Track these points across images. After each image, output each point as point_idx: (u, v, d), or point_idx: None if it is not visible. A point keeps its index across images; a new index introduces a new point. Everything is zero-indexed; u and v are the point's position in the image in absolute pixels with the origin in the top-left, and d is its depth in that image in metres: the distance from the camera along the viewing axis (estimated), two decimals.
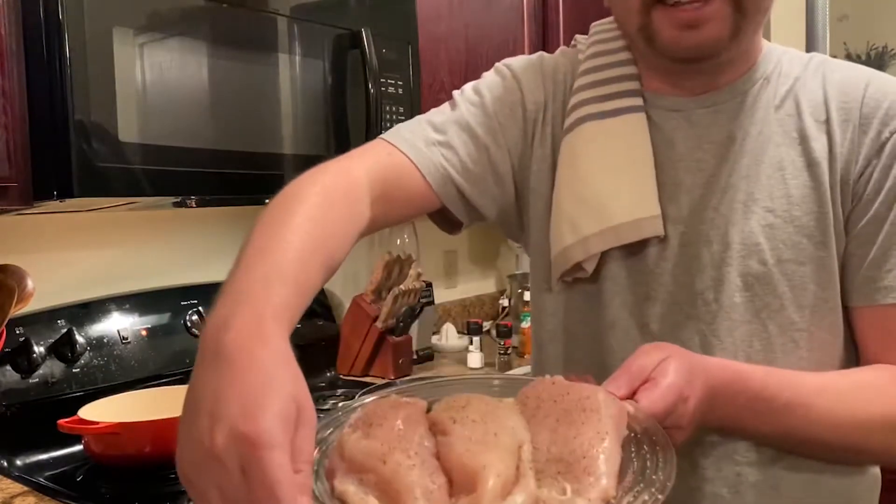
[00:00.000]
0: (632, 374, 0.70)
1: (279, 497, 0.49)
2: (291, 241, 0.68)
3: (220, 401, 0.52)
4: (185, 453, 0.53)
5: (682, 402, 0.70)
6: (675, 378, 0.69)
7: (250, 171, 1.38)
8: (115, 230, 1.63)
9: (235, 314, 0.58)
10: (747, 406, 0.78)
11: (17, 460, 1.34)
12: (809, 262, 0.83)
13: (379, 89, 1.56)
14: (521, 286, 2.33)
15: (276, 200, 0.74)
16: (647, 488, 0.59)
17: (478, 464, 0.58)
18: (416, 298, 1.92)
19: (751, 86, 0.87)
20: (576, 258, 0.87)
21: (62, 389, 1.42)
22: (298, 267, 0.66)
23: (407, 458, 0.59)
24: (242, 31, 1.37)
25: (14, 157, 1.13)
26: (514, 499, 0.57)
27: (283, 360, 0.56)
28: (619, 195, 0.86)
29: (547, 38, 2.23)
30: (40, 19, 1.13)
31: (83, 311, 1.50)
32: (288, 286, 0.63)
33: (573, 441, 0.61)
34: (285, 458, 0.50)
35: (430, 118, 0.93)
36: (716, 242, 0.85)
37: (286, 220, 0.70)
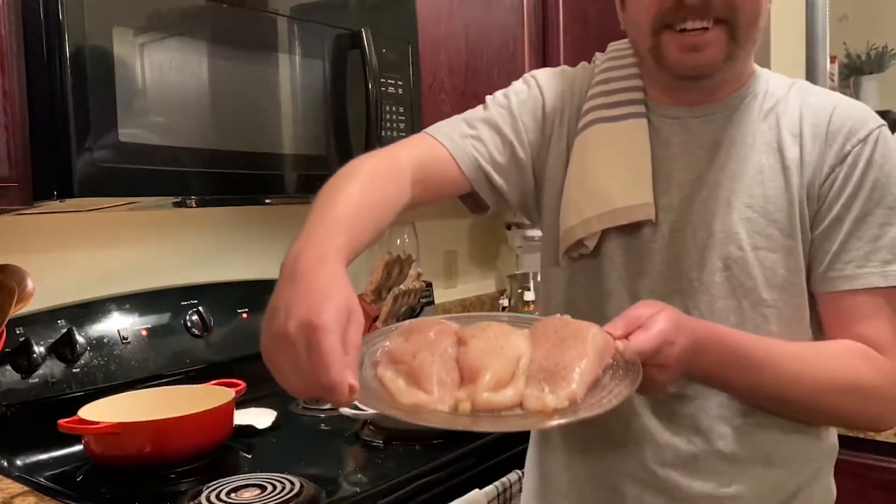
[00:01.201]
0: (628, 320, 0.85)
1: (330, 368, 0.67)
2: (346, 203, 0.86)
3: (293, 302, 0.70)
4: (267, 340, 0.72)
5: (669, 345, 0.83)
6: (664, 325, 0.83)
7: (250, 171, 1.38)
8: (115, 230, 1.63)
9: (304, 250, 0.77)
10: (724, 360, 0.91)
11: (17, 460, 1.35)
12: (780, 251, 0.97)
13: (379, 89, 1.56)
14: (521, 286, 2.34)
15: (333, 178, 0.92)
16: (607, 395, 0.76)
17: (481, 364, 0.78)
18: (416, 298, 1.92)
19: (740, 101, 1.02)
20: (578, 235, 1.02)
21: (62, 389, 1.42)
22: (352, 221, 0.84)
23: (431, 357, 0.79)
24: (242, 31, 1.37)
25: (14, 157, 1.14)
26: (505, 392, 0.77)
27: (340, 278, 0.74)
28: (617, 184, 1.01)
29: (547, 38, 2.23)
30: (40, 19, 1.13)
31: (83, 311, 1.50)
32: (344, 234, 0.81)
33: (559, 358, 0.79)
34: (338, 342, 0.68)
35: (464, 117, 1.09)
36: (701, 230, 0.99)
37: (342, 189, 0.89)
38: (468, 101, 1.96)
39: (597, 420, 0.75)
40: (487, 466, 1.37)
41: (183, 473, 1.28)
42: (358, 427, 1.48)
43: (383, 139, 1.58)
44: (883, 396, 0.96)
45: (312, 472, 1.27)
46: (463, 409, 0.75)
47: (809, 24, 2.72)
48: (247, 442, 1.45)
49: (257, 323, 1.91)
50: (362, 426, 1.47)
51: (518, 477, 1.36)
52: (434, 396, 0.76)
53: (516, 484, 1.36)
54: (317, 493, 1.19)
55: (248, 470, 1.30)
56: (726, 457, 0.99)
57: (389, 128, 1.61)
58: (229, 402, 1.37)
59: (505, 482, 1.35)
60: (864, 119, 0.98)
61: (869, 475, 1.62)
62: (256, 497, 1.17)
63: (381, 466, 1.33)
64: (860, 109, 1.00)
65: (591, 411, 0.74)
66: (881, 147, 0.97)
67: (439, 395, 0.77)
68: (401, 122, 1.64)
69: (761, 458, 0.99)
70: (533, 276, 2.41)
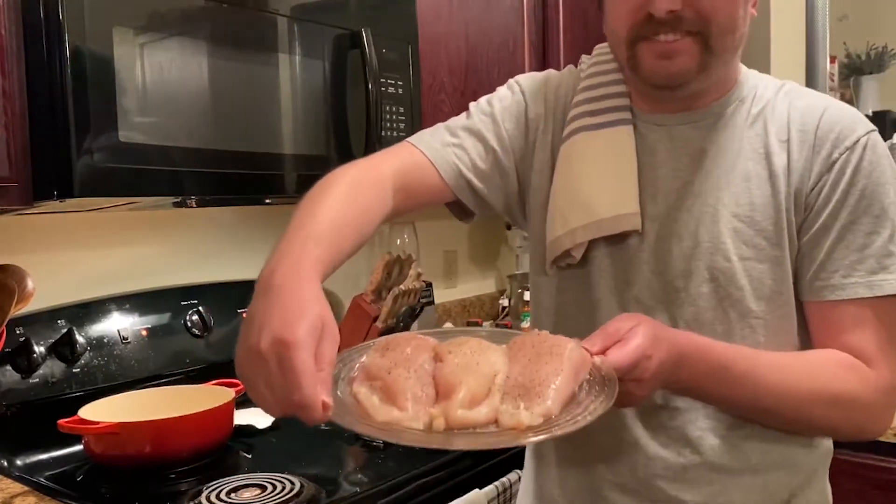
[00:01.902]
0: (606, 335, 0.84)
1: (302, 385, 0.67)
2: (325, 214, 0.85)
3: (266, 318, 0.71)
4: (241, 356, 0.73)
5: (646, 359, 0.82)
6: (641, 340, 0.82)
7: (250, 171, 1.38)
8: (115, 230, 1.63)
9: (280, 263, 0.77)
10: (706, 372, 0.90)
11: (17, 460, 1.35)
12: (767, 261, 0.96)
13: (379, 89, 1.56)
14: (521, 286, 2.34)
15: (313, 188, 0.91)
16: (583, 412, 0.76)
17: (456, 380, 0.77)
18: (416, 298, 1.92)
19: (726, 107, 1.01)
20: (564, 246, 1.02)
21: (62, 389, 1.42)
22: (331, 233, 0.84)
23: (406, 372, 0.79)
24: (242, 31, 1.37)
25: (14, 157, 1.14)
26: (479, 409, 0.76)
27: (314, 293, 0.74)
28: (602, 194, 1.00)
29: (547, 38, 2.23)
30: (40, 19, 1.13)
31: (83, 311, 1.50)
32: (323, 245, 0.81)
33: (535, 374, 0.78)
34: (310, 357, 0.68)
35: (447, 125, 1.09)
36: (687, 239, 0.98)
37: (321, 200, 0.88)
38: (468, 100, 1.93)
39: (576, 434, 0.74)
40: (487, 466, 1.37)
41: (183, 473, 1.28)
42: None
43: (383, 139, 1.58)
44: (866, 407, 0.95)
45: (312, 472, 1.27)
46: (437, 426, 0.75)
47: (809, 24, 2.73)
48: (247, 442, 1.45)
49: None
50: None
51: (518, 477, 1.36)
52: (408, 413, 0.76)
53: (516, 484, 1.36)
54: (317, 493, 1.19)
55: (248, 470, 1.30)
56: (716, 467, 0.98)
57: (389, 128, 1.61)
58: (229, 402, 1.37)
59: (505, 482, 1.35)
60: (852, 125, 0.96)
61: (869, 475, 1.62)
62: (256, 497, 1.17)
63: (381, 466, 1.33)
64: (849, 115, 0.98)
65: (565, 428, 0.74)
66: (869, 154, 0.95)
67: (413, 412, 0.76)
68: (401, 122, 1.64)
69: (751, 467, 0.99)
70: None
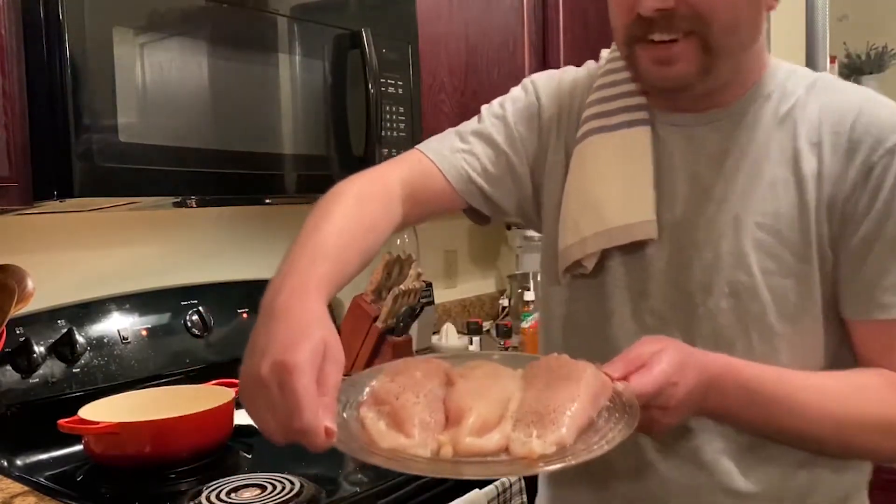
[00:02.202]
0: (629, 360, 0.79)
1: (304, 410, 0.65)
2: (330, 231, 0.84)
3: (267, 342, 0.69)
4: (243, 381, 0.72)
5: (671, 386, 0.78)
6: (666, 366, 0.78)
7: (250, 171, 1.38)
8: (115, 230, 1.63)
9: (285, 283, 0.76)
10: (741, 399, 0.84)
11: (17, 460, 1.35)
12: (791, 276, 0.89)
13: (379, 89, 1.56)
14: (521, 286, 2.34)
15: (320, 201, 0.90)
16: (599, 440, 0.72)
17: (466, 406, 0.74)
18: (416, 298, 1.92)
19: (749, 105, 0.93)
20: (574, 256, 0.97)
21: (62, 389, 1.42)
22: (337, 250, 0.83)
23: (415, 398, 0.75)
24: (242, 31, 1.37)
25: (14, 157, 1.14)
26: (490, 436, 0.72)
27: (317, 315, 0.72)
28: (614, 201, 0.94)
29: (547, 38, 2.23)
30: (40, 19, 1.13)
31: (83, 311, 1.50)
32: (328, 263, 0.80)
33: (550, 400, 0.74)
34: (311, 382, 0.66)
35: (457, 130, 1.06)
36: (707, 251, 0.91)
37: (326, 217, 0.86)
38: (468, 100, 1.96)
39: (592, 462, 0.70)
40: None
41: (183, 473, 1.28)
42: None
43: (383, 139, 1.58)
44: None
45: (312, 472, 1.27)
46: (445, 454, 0.71)
47: (809, 24, 2.73)
48: (247, 442, 1.45)
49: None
50: None
51: (518, 477, 1.36)
52: (415, 440, 0.72)
53: (516, 484, 1.36)
54: (317, 493, 1.19)
55: (248, 470, 1.30)
56: (732, 492, 0.92)
57: (389, 128, 1.61)
58: (229, 402, 1.37)
59: (505, 482, 1.35)
60: (893, 124, 0.87)
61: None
62: (256, 497, 1.17)
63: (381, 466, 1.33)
64: (890, 113, 0.89)
65: (580, 457, 0.70)
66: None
67: (420, 439, 0.72)
68: (401, 122, 1.64)
69: (770, 493, 0.92)
70: (533, 276, 2.40)
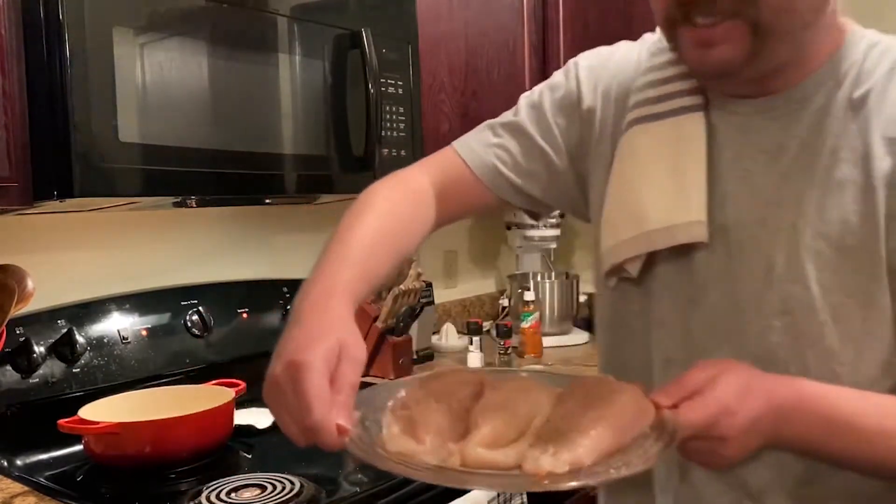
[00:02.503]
0: (681, 386, 0.72)
1: (312, 407, 0.65)
2: (361, 234, 0.85)
3: (286, 345, 0.70)
4: (264, 385, 0.71)
5: (728, 415, 0.69)
6: (721, 393, 0.70)
7: (250, 171, 1.38)
8: (115, 230, 1.63)
9: (311, 288, 0.77)
10: (822, 430, 0.74)
11: (17, 460, 1.34)
12: (857, 294, 0.78)
13: (379, 89, 1.56)
14: (520, 286, 2.33)
15: (351, 206, 0.90)
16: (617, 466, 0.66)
17: (484, 418, 0.71)
18: (416, 298, 1.92)
19: (814, 90, 0.81)
20: (612, 260, 0.89)
21: (62, 389, 1.42)
22: (365, 254, 0.83)
23: (436, 404, 0.74)
24: (242, 31, 1.37)
25: (14, 157, 1.13)
26: (506, 450, 0.69)
27: (338, 317, 0.74)
28: (658, 200, 0.85)
29: (547, 39, 2.23)
30: (40, 19, 1.13)
31: (83, 311, 1.50)
32: (356, 267, 0.81)
33: (578, 419, 0.70)
34: (322, 379, 0.66)
35: (492, 123, 1.01)
36: (758, 262, 0.81)
37: (356, 220, 0.87)
38: (468, 100, 1.96)
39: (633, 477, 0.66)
40: None
41: (183, 473, 1.28)
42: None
43: (383, 139, 1.58)
44: None
45: (312, 472, 1.27)
46: (451, 463, 0.69)
47: None
48: (247, 442, 1.45)
49: (257, 323, 1.92)
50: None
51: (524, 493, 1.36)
52: (426, 446, 0.70)
53: None
54: (317, 493, 1.19)
55: (248, 470, 1.30)
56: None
57: (389, 128, 1.61)
58: (229, 402, 1.37)
59: None
60: None
61: None
62: (256, 497, 1.17)
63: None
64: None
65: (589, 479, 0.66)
66: None
67: (431, 446, 0.70)
68: (401, 122, 1.64)
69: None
70: (533, 276, 2.40)
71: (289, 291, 1.85)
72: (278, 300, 1.82)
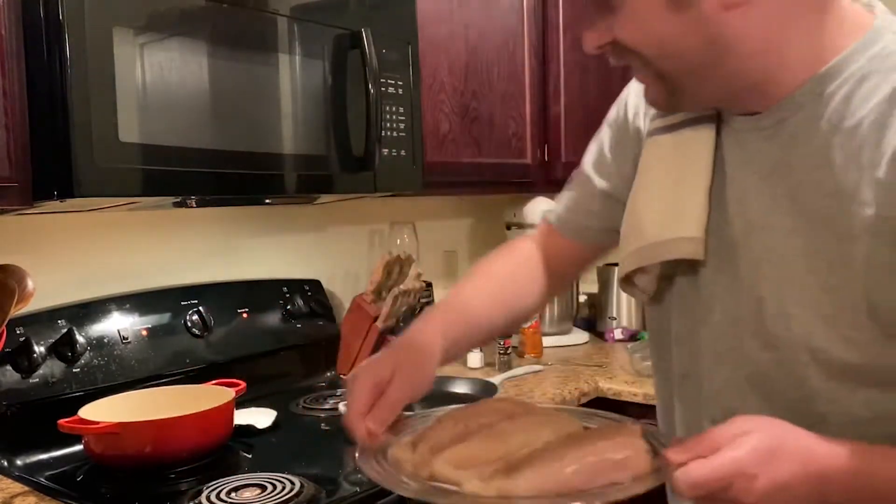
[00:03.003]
0: (701, 441, 0.67)
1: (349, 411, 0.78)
2: (462, 288, 1.00)
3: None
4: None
5: (746, 478, 0.64)
6: (741, 453, 0.65)
7: (250, 171, 1.38)
8: (115, 230, 1.63)
9: (412, 326, 0.88)
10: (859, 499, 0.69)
11: (17, 460, 1.35)
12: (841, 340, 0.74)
13: (379, 89, 1.56)
14: None
15: (471, 269, 1.04)
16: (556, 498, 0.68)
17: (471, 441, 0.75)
18: (416, 298, 1.92)
19: (790, 113, 0.75)
20: (619, 275, 0.91)
21: (62, 389, 1.42)
22: (464, 304, 0.96)
23: (453, 424, 0.79)
24: (242, 31, 1.37)
25: (14, 157, 1.13)
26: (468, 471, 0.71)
27: (410, 343, 0.85)
28: (656, 213, 0.84)
29: (547, 39, 2.23)
30: (40, 19, 1.13)
31: (83, 311, 1.50)
32: (451, 314, 0.92)
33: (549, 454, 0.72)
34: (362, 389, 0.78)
35: (571, 177, 1.05)
36: (747, 291, 0.79)
37: (465, 279, 1.03)
38: (468, 100, 1.96)
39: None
40: None
41: (183, 473, 1.28)
42: None
43: (383, 139, 1.58)
44: None
45: (312, 472, 1.27)
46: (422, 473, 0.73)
47: None
48: (247, 442, 1.45)
49: (257, 323, 1.92)
50: None
51: None
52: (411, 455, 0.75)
53: None
54: (317, 493, 1.19)
55: (248, 470, 1.30)
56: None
57: (389, 128, 1.61)
58: (229, 402, 1.37)
59: None
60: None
61: None
62: (256, 497, 1.17)
63: None
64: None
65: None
66: None
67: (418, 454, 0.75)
68: (401, 122, 1.64)
69: None
70: None
71: (289, 291, 1.85)
72: (278, 300, 1.82)
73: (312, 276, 1.94)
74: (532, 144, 2.20)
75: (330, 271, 2.04)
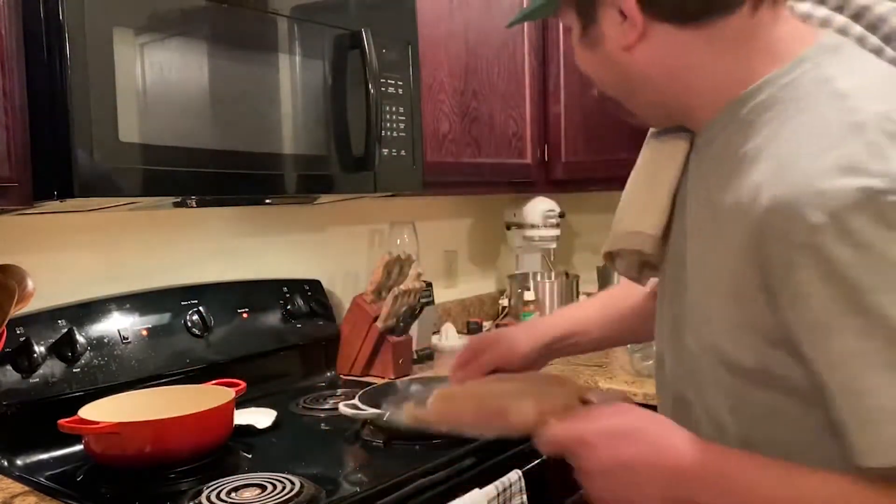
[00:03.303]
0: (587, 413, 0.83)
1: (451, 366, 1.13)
2: (576, 305, 1.16)
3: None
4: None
5: (587, 447, 0.77)
6: (589, 426, 0.78)
7: (250, 171, 1.38)
8: (115, 230, 1.63)
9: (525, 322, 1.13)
10: (710, 485, 0.72)
11: (17, 460, 1.35)
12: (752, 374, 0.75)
13: (379, 89, 1.56)
14: (521, 286, 2.33)
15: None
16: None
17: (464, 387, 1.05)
18: (416, 298, 1.92)
19: (713, 136, 0.79)
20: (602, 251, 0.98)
21: (62, 389, 1.42)
22: (573, 310, 1.22)
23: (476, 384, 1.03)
24: (242, 31, 1.37)
25: (14, 157, 1.14)
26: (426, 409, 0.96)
27: (515, 332, 1.15)
28: (631, 205, 0.93)
29: (547, 39, 2.23)
30: (40, 19, 1.13)
31: (83, 311, 1.50)
32: (564, 320, 1.17)
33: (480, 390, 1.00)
34: (464, 354, 1.12)
35: None
36: (678, 297, 0.84)
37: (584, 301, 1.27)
38: (468, 100, 1.96)
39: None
40: (487, 466, 1.37)
41: (183, 473, 1.29)
42: (358, 427, 1.48)
43: (383, 139, 1.58)
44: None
45: (312, 472, 1.27)
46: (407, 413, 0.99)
47: None
48: (247, 442, 1.45)
49: (257, 323, 1.91)
50: (362, 426, 1.47)
51: (518, 476, 1.36)
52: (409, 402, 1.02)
53: (516, 483, 1.36)
54: (317, 493, 1.19)
55: (248, 470, 1.30)
56: None
57: (389, 128, 1.61)
58: (229, 402, 1.37)
59: (505, 482, 1.35)
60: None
61: None
62: (256, 497, 1.17)
63: (381, 466, 1.33)
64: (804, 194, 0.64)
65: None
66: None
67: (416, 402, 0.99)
68: (401, 122, 1.64)
69: None
70: (533, 276, 2.40)
71: (289, 291, 1.85)
72: (278, 300, 1.82)
73: (312, 276, 1.94)
74: (532, 144, 2.20)
75: (330, 271, 2.04)
